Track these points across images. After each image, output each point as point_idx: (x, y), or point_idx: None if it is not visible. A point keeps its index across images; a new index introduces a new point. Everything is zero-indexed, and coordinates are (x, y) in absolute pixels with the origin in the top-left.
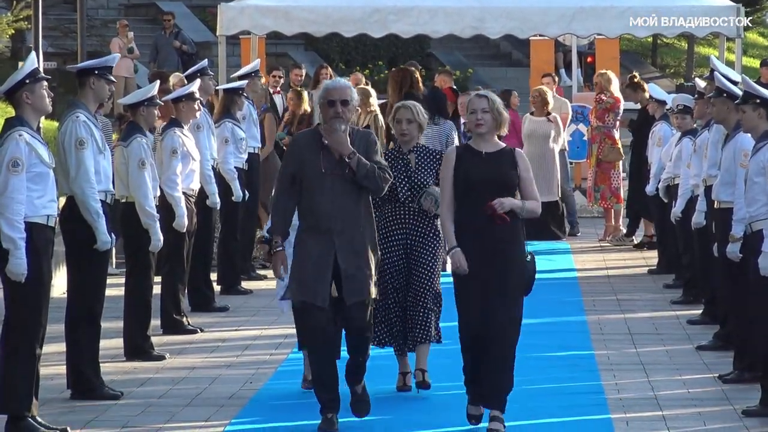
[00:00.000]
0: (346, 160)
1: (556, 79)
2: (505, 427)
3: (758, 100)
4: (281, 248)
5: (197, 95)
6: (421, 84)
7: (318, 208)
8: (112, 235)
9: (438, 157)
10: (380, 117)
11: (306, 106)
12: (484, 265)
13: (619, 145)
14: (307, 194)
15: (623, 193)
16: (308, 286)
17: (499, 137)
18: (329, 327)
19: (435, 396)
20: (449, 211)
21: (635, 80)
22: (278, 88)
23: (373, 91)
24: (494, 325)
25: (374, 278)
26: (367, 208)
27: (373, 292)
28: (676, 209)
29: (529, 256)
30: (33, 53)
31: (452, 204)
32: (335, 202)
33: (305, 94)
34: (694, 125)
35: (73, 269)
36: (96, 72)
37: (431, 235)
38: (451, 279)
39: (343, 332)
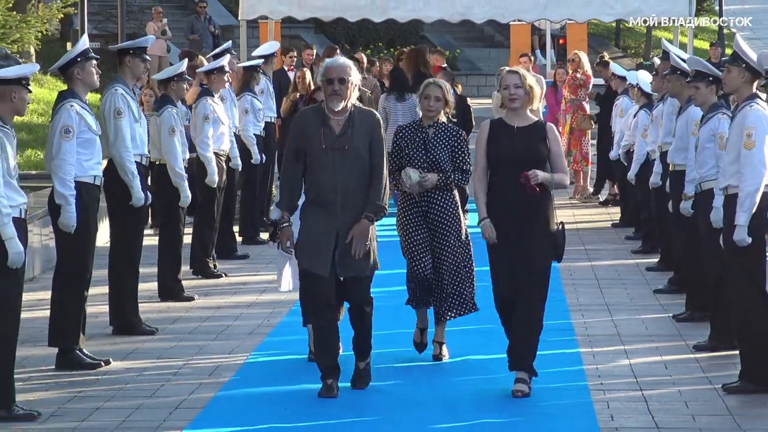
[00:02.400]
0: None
1: (532, 58)
2: (530, 388)
3: (711, 78)
4: (288, 224)
5: (227, 68)
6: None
7: (320, 183)
8: (147, 193)
9: (454, 134)
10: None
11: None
12: (514, 236)
13: (590, 115)
14: (310, 169)
15: (591, 157)
16: (311, 257)
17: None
18: (330, 297)
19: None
20: (482, 182)
21: (605, 59)
22: (292, 66)
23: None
24: (522, 291)
25: (374, 251)
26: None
27: (373, 266)
28: (630, 173)
29: (560, 225)
30: (85, 35)
31: (485, 175)
32: (336, 177)
33: (308, 73)
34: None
35: (115, 222)
36: (131, 52)
37: (451, 205)
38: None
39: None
